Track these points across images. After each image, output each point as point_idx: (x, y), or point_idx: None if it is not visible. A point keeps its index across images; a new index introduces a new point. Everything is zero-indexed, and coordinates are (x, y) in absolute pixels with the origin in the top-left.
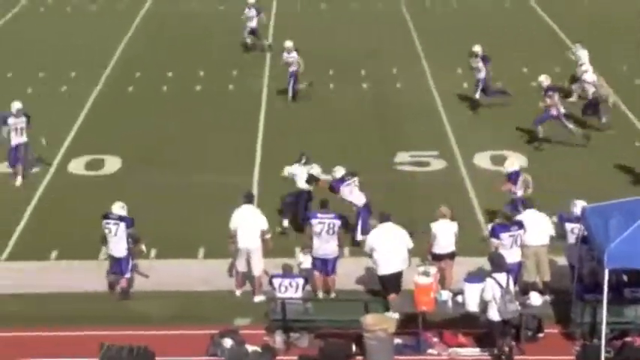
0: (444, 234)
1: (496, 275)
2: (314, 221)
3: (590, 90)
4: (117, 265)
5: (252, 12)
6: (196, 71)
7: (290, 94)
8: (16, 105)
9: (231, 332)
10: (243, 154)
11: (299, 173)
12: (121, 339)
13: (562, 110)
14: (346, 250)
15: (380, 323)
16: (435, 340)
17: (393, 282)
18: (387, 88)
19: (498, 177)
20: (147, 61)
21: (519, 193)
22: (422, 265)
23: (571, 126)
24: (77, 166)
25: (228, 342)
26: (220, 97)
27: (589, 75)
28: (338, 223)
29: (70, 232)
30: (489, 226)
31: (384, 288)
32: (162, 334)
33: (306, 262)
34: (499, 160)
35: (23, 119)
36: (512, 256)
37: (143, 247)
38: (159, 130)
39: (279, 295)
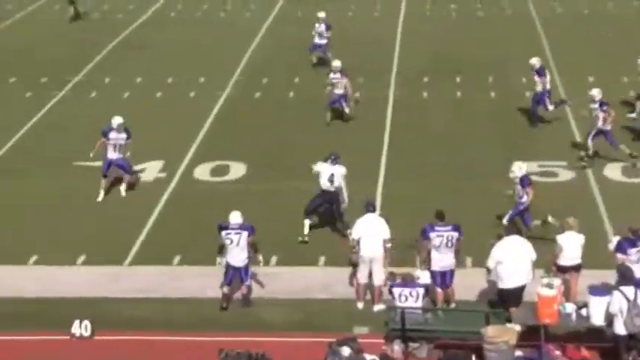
0: (571, 246)
1: (623, 288)
2: (432, 234)
3: None
4: (236, 275)
5: (322, 27)
6: (322, 77)
7: (327, 117)
8: (117, 120)
9: (350, 340)
10: (367, 162)
11: (324, 171)
12: (239, 345)
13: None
14: (469, 260)
15: (501, 335)
16: (558, 353)
17: (515, 296)
18: (514, 96)
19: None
20: (274, 66)
21: (524, 199)
22: (546, 276)
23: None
24: (203, 172)
25: (346, 350)
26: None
27: None
28: (456, 235)
29: (194, 238)
30: (614, 239)
31: (504, 302)
32: (280, 340)
33: (424, 277)
34: (631, 173)
35: (123, 135)
36: (639, 270)
37: (260, 258)
38: (284, 136)
39: (398, 304)
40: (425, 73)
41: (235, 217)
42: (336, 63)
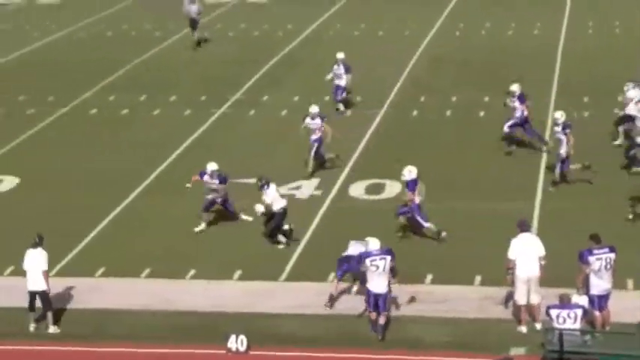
0: None
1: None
2: (591, 259)
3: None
4: (375, 301)
5: (341, 69)
6: (481, 97)
7: (309, 166)
8: (212, 166)
9: None
10: (523, 180)
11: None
12: None
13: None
14: (630, 282)
15: None
16: None
17: None
18: None
19: None
20: (432, 85)
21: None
22: None
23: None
24: (358, 190)
25: None
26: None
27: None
28: (613, 256)
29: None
30: None
31: None
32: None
33: (582, 302)
34: None
35: (216, 181)
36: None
37: (397, 283)
38: (438, 155)
39: (556, 325)
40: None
41: (375, 244)
42: (314, 109)
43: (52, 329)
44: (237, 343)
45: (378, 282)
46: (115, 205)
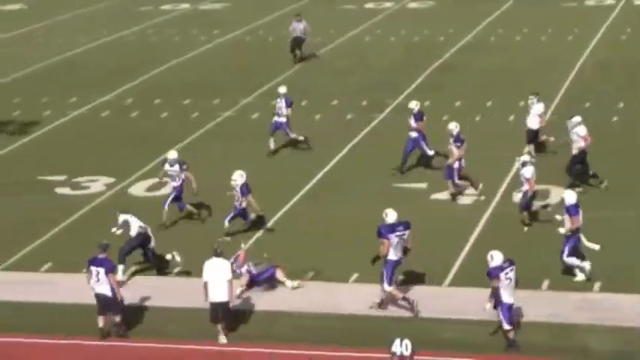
0: None
1: None
2: None
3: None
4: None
5: (282, 103)
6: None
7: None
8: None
9: None
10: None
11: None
12: None
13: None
14: None
15: None
16: None
17: None
18: None
19: None
20: (597, 91)
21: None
22: None
23: None
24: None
25: None
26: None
27: None
28: None
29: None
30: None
31: None
32: None
33: None
34: None
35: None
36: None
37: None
38: (609, 162)
39: None
40: None
41: (500, 257)
42: (172, 155)
43: (222, 339)
44: (401, 347)
45: (508, 293)
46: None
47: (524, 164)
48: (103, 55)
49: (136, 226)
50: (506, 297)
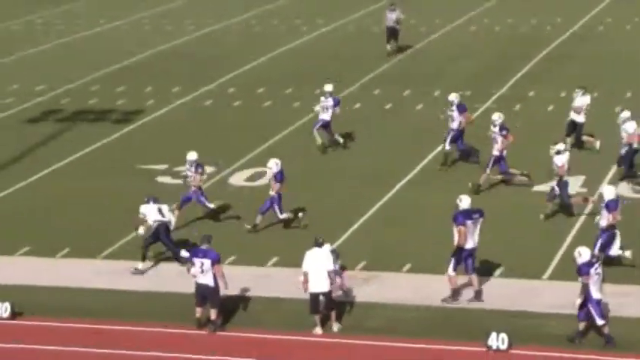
0: None
1: None
2: None
3: None
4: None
5: (329, 101)
6: None
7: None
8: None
9: None
10: None
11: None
12: None
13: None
14: None
15: None
16: None
17: None
18: None
19: None
20: None
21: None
22: None
23: None
24: (622, 189)
25: None
26: None
27: None
28: None
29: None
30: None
31: None
32: None
33: None
34: None
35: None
36: None
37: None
38: None
39: None
40: None
41: (588, 253)
42: (191, 156)
43: (336, 327)
44: (497, 341)
45: (596, 288)
46: (379, 197)
47: (558, 152)
48: (208, 44)
49: (153, 217)
50: (595, 292)
